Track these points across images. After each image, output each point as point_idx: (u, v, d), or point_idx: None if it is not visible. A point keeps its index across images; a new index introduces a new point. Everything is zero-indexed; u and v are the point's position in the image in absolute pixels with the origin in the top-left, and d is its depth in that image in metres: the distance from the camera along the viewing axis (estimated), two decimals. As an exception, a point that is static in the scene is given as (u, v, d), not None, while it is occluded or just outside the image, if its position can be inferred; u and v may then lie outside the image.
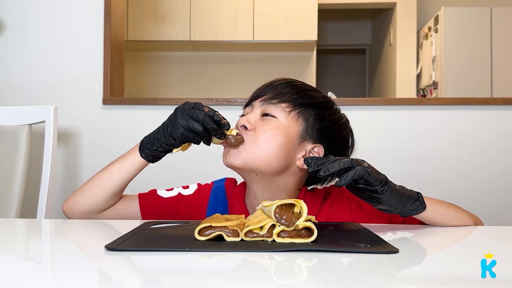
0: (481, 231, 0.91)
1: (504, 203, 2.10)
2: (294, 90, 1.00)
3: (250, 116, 0.98)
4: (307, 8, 4.13)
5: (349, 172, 0.78)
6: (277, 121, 0.97)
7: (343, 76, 6.47)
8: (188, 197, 1.06)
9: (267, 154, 0.95)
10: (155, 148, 0.93)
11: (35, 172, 1.56)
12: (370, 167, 0.81)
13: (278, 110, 0.98)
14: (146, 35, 4.21)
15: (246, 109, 1.03)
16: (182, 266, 0.62)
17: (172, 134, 0.89)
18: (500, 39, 4.22)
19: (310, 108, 1.00)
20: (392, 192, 0.82)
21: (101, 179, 0.97)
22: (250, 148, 0.94)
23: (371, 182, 0.79)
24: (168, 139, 0.90)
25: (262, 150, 0.95)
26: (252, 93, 1.05)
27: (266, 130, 0.96)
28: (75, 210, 0.98)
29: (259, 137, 0.95)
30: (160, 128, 0.93)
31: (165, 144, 0.91)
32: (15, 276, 0.58)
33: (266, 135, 0.95)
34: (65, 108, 2.12)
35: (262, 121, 0.97)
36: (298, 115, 0.98)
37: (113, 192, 0.96)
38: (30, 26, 2.21)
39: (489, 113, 2.12)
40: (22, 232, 0.93)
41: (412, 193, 0.86)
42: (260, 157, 0.95)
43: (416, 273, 0.61)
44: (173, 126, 0.90)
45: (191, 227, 0.84)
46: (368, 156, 2.30)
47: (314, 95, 1.02)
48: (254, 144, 0.95)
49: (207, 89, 4.55)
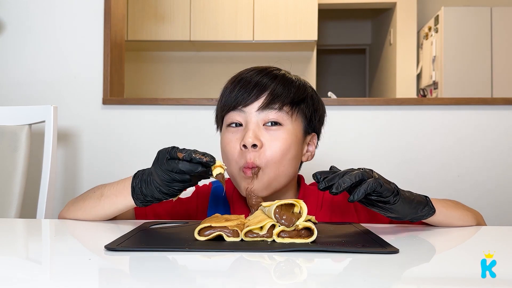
0: (482, 231, 0.91)
1: (504, 203, 2.10)
2: (286, 86, 0.95)
3: (255, 130, 0.92)
4: (307, 8, 4.13)
5: (361, 186, 0.75)
6: (285, 130, 0.93)
7: (343, 76, 6.47)
8: (186, 199, 1.05)
9: (287, 167, 0.94)
10: (150, 199, 0.84)
11: (35, 172, 1.56)
12: (381, 178, 0.79)
13: (282, 116, 0.93)
14: (146, 35, 4.21)
15: (233, 115, 0.94)
16: (182, 266, 0.62)
17: (163, 191, 0.80)
18: (500, 39, 4.22)
19: (305, 102, 0.97)
20: (404, 201, 0.80)
21: (93, 209, 0.92)
22: (270, 171, 0.91)
23: (384, 193, 0.77)
24: (162, 195, 0.82)
25: (282, 166, 0.92)
26: (230, 94, 0.95)
27: (279, 146, 0.92)
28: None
29: (274, 156, 0.91)
30: (149, 181, 0.82)
31: (163, 198, 0.83)
32: (15, 276, 0.58)
33: (280, 152, 0.92)
34: (65, 108, 2.12)
35: (268, 132, 0.92)
36: (299, 114, 0.96)
37: (105, 218, 0.93)
38: (30, 26, 2.21)
39: (489, 113, 2.12)
40: (22, 232, 0.93)
41: (421, 198, 0.84)
42: (282, 172, 0.93)
43: (416, 273, 0.61)
44: (160, 184, 0.80)
45: (191, 227, 0.84)
46: (368, 156, 2.30)
47: (302, 84, 0.99)
48: (272, 165, 0.91)
49: (207, 89, 4.55)
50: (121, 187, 0.87)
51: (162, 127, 2.17)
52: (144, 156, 2.16)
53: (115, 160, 2.14)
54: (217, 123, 1.04)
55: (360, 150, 2.13)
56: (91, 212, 0.92)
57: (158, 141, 2.16)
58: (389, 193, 0.78)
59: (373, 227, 0.88)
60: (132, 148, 2.17)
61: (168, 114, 2.18)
